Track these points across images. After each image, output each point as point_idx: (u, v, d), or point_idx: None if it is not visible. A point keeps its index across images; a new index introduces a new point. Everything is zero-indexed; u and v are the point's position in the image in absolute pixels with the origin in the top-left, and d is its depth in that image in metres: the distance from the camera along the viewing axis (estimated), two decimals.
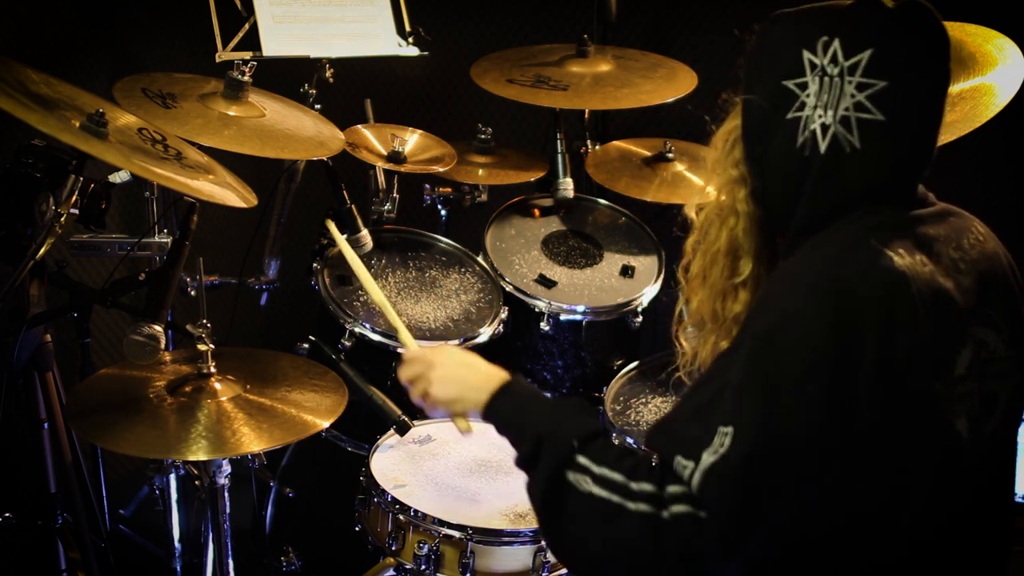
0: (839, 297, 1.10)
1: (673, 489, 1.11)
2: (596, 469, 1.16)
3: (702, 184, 1.41)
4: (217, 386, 1.81)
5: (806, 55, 1.17)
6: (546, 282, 2.49)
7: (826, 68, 1.16)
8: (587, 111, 2.94)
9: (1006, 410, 1.20)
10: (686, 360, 1.42)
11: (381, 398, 2.08)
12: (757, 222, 1.29)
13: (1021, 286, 1.26)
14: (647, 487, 1.13)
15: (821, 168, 1.17)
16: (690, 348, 1.42)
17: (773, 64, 1.21)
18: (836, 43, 1.15)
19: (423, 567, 1.79)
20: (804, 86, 1.17)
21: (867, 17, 1.15)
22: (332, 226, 2.12)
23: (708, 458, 1.09)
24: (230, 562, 1.93)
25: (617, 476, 1.15)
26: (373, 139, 2.54)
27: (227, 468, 1.85)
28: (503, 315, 2.38)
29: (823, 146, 1.16)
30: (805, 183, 1.19)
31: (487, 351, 2.37)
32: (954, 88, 2.01)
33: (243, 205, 1.81)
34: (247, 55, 2.47)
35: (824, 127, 1.16)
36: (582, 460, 1.17)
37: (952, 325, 1.15)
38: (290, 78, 2.66)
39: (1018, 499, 1.83)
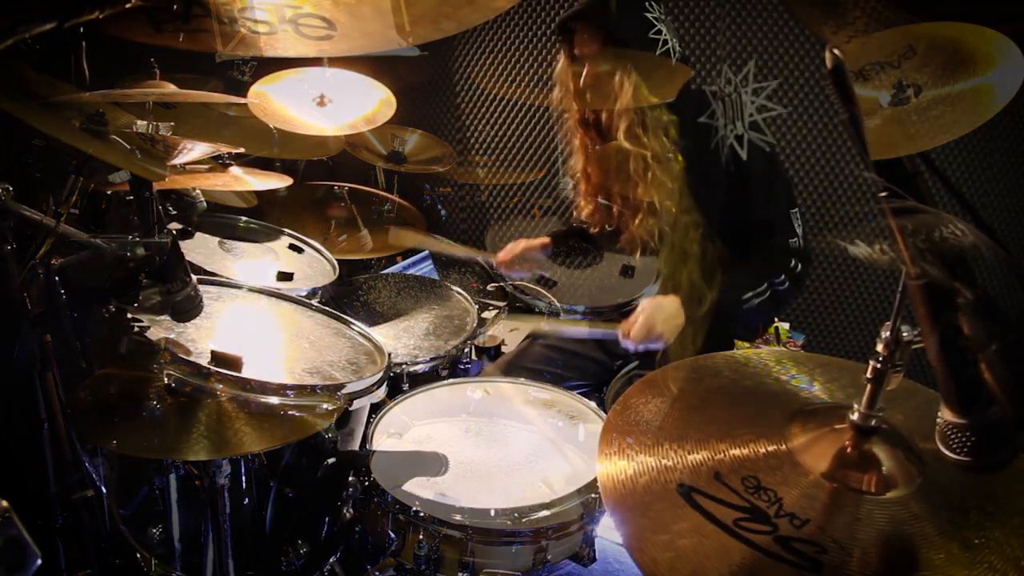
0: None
1: None
2: None
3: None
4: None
5: (706, 89, 1.33)
6: (546, 282, 2.49)
7: (723, 90, 1.29)
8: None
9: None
10: None
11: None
12: (716, 258, 1.41)
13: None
14: None
15: (751, 175, 1.29)
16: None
17: (685, 108, 1.36)
18: (724, 67, 1.29)
19: (423, 567, 1.79)
20: (713, 114, 1.30)
21: (743, 37, 1.31)
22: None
23: None
24: (230, 562, 1.93)
25: None
26: (373, 139, 2.54)
27: (227, 468, 1.84)
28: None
29: (744, 154, 1.28)
30: (747, 198, 1.31)
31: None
32: (954, 88, 2.01)
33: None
34: (247, 55, 2.47)
35: (739, 138, 1.28)
36: None
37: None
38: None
39: None
